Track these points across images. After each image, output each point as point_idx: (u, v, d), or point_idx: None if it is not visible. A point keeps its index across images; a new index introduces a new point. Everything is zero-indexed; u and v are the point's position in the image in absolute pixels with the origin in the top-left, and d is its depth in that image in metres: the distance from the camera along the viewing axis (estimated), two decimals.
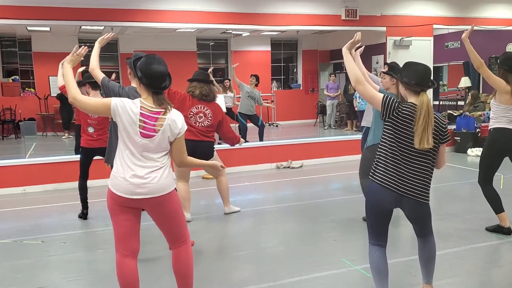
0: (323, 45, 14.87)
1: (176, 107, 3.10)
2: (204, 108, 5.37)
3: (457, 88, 13.18)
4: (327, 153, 9.32)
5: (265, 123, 11.20)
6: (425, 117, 2.91)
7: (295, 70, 16.82)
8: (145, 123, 2.86)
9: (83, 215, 5.73)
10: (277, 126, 14.33)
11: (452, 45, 12.98)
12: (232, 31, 10.36)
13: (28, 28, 11.21)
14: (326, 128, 13.87)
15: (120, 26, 9.18)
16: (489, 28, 10.38)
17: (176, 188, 3.11)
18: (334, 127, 13.78)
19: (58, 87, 5.68)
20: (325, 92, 13.75)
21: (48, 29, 11.57)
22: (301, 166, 8.96)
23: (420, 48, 9.79)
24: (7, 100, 12.90)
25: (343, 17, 9.31)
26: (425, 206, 3.10)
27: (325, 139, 10.24)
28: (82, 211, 5.74)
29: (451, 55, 13.04)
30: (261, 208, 6.21)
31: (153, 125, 2.87)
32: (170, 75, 3.01)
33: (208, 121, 5.38)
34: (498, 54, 4.84)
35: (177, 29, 10.94)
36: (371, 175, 3.10)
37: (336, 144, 9.56)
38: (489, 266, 4.25)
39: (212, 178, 6.43)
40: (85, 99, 2.92)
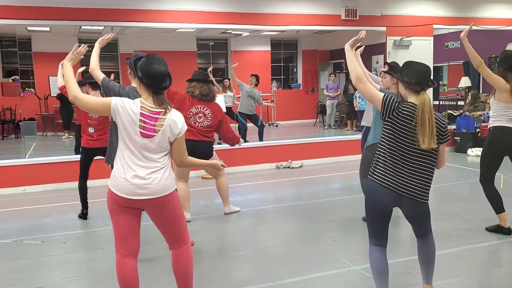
0: (323, 45, 14.86)
1: (176, 107, 3.09)
2: (204, 108, 5.37)
3: (457, 88, 13.18)
4: (327, 153, 9.32)
5: (265, 123, 11.20)
6: (430, 117, 2.91)
7: (295, 70, 16.82)
8: (145, 123, 2.86)
9: (83, 215, 5.73)
10: (277, 126, 14.33)
11: (452, 45, 12.97)
12: (232, 31, 10.36)
13: (28, 28, 11.20)
14: (326, 128, 13.87)
15: (120, 26, 9.19)
16: (489, 28, 10.38)
17: (176, 188, 3.10)
18: (334, 127, 13.78)
19: (58, 88, 5.68)
20: (325, 92, 13.74)
21: (48, 29, 11.57)
22: (301, 166, 8.96)
23: (420, 48, 9.79)
24: (7, 100, 12.89)
25: (343, 17, 9.31)
26: (424, 206, 3.10)
27: (325, 139, 10.24)
28: (82, 211, 5.74)
29: (451, 55, 13.03)
30: (261, 208, 6.21)
31: (153, 125, 2.87)
32: (170, 75, 3.01)
33: (208, 121, 5.37)
34: (498, 54, 4.83)
35: (177, 29, 10.94)
36: (370, 175, 3.10)
37: (336, 144, 9.57)
38: (489, 266, 4.25)
39: (212, 178, 6.43)
40: (86, 98, 2.91)
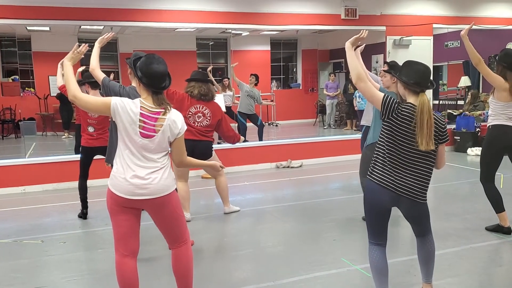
0: (323, 45, 14.86)
1: (175, 107, 3.08)
2: (203, 108, 5.36)
3: (457, 88, 13.18)
4: (327, 153, 9.32)
5: (265, 123, 11.20)
6: (428, 118, 2.91)
7: (295, 70, 16.81)
8: (145, 123, 2.86)
9: (83, 215, 5.73)
10: (277, 126, 14.33)
11: (452, 45, 12.97)
12: (232, 31, 10.35)
13: (28, 28, 11.19)
14: (326, 128, 13.87)
15: (120, 26, 9.18)
16: (489, 27, 10.38)
17: (176, 188, 3.10)
18: (334, 127, 13.78)
19: (58, 87, 5.68)
20: (325, 92, 13.73)
21: (48, 29, 11.56)
22: (301, 166, 8.96)
23: (420, 48, 9.78)
24: (7, 100, 12.88)
25: (343, 17, 9.30)
26: (423, 206, 3.10)
27: (325, 139, 10.23)
28: (82, 211, 5.74)
29: (451, 55, 13.03)
30: (261, 208, 6.21)
31: (153, 125, 2.87)
32: (170, 75, 3.01)
33: (207, 121, 5.37)
34: (498, 53, 4.83)
35: (177, 29, 10.94)
36: (369, 175, 3.10)
37: (336, 144, 9.56)
38: (489, 266, 4.25)
39: (211, 178, 6.42)
40: (85, 98, 2.91)
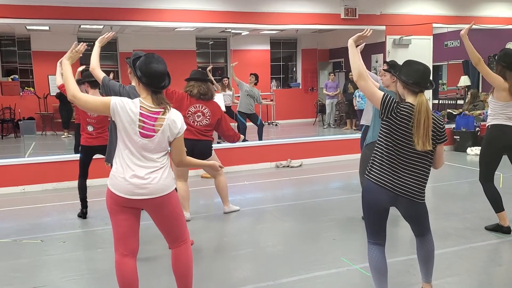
0: (323, 44, 14.86)
1: (174, 107, 3.08)
2: (202, 107, 5.36)
3: (457, 87, 13.18)
4: (327, 152, 9.32)
5: (265, 122, 11.19)
6: (426, 119, 2.91)
7: (295, 69, 16.81)
8: (145, 123, 2.85)
9: (83, 214, 5.73)
10: (277, 125, 14.33)
11: (452, 44, 12.96)
12: (231, 30, 10.34)
13: (27, 27, 11.17)
14: (326, 127, 13.87)
15: (119, 25, 9.17)
16: (489, 27, 10.38)
17: (176, 188, 3.10)
18: (334, 126, 13.78)
19: (57, 86, 5.67)
20: (324, 91, 13.73)
21: (47, 28, 11.55)
22: (301, 165, 8.96)
23: (420, 47, 9.79)
24: (7, 99, 12.86)
25: (343, 16, 9.30)
26: (421, 206, 3.10)
27: (325, 138, 10.22)
28: (82, 210, 5.74)
29: (451, 54, 13.02)
30: (261, 207, 6.21)
31: (153, 125, 2.86)
32: (169, 75, 3.00)
33: (207, 120, 5.37)
34: (497, 53, 4.82)
35: (176, 28, 10.93)
36: (367, 174, 3.10)
37: (336, 143, 9.57)
38: (489, 265, 4.25)
39: (211, 178, 6.42)
40: (85, 97, 2.90)
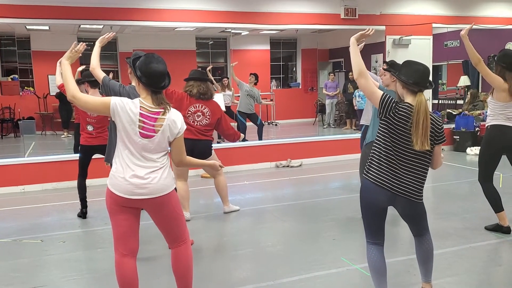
0: (322, 44, 14.86)
1: (174, 107, 3.08)
2: (202, 107, 5.36)
3: (456, 87, 13.19)
4: (326, 152, 9.32)
5: (264, 122, 11.19)
6: (424, 119, 2.91)
7: (294, 69, 16.81)
8: (145, 123, 2.85)
9: (82, 214, 5.73)
10: (276, 125, 14.33)
11: (452, 44, 12.97)
12: (231, 30, 10.35)
13: (27, 27, 11.17)
14: (325, 127, 13.87)
15: (119, 25, 9.17)
16: (488, 27, 10.38)
17: (175, 188, 3.10)
18: (333, 126, 13.78)
19: (57, 86, 5.67)
20: (324, 91, 13.74)
21: (47, 28, 11.55)
22: (300, 165, 8.96)
23: (419, 47, 9.79)
24: (6, 99, 12.87)
25: (342, 16, 9.31)
26: (419, 205, 3.10)
27: (324, 138, 10.23)
28: (81, 210, 5.74)
29: (451, 54, 13.03)
30: (260, 207, 6.21)
31: (153, 125, 2.86)
32: (169, 75, 3.00)
33: (207, 120, 5.37)
34: (497, 53, 4.82)
35: (176, 28, 10.94)
36: (365, 173, 3.10)
37: (335, 143, 9.57)
38: (488, 265, 4.24)
39: (211, 177, 6.42)
40: (84, 97, 2.90)
